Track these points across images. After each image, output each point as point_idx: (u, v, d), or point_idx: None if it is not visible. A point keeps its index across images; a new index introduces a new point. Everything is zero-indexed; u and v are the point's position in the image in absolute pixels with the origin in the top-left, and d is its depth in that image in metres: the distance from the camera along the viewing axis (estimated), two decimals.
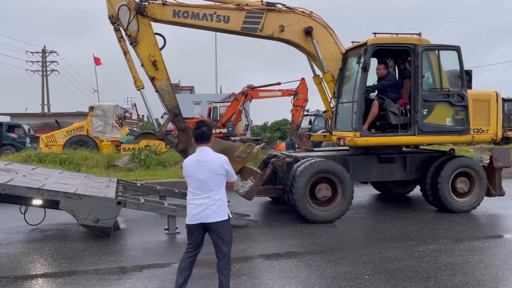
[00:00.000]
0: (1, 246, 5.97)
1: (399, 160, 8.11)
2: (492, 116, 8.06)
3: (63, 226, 7.17)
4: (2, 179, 6.18)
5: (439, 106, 7.77)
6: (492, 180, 8.19)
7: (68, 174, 8.43)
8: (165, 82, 7.06)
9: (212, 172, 3.70)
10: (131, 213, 7.71)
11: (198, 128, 3.85)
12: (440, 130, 7.77)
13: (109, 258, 5.42)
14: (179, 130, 7.20)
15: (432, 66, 7.80)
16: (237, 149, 7.13)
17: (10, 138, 24.90)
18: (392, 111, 7.79)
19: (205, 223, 3.68)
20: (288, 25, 7.82)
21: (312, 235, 6.47)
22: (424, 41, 7.75)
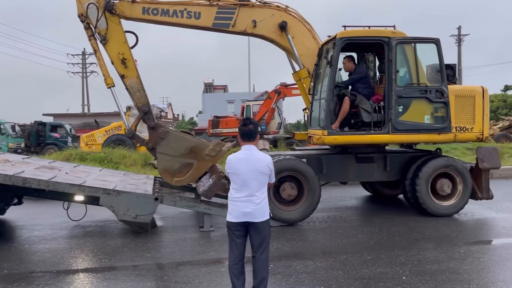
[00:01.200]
0: (45, 242, 6.23)
1: (378, 160, 7.67)
2: (478, 114, 7.42)
3: (102, 222, 7.40)
4: (46, 176, 6.45)
5: (416, 102, 7.28)
6: (479, 182, 7.59)
7: (107, 171, 8.69)
8: (134, 80, 7.02)
9: (258, 171, 3.67)
10: (167, 210, 7.87)
11: (245, 126, 3.80)
12: (417, 128, 7.29)
13: (146, 255, 5.54)
14: (149, 128, 7.08)
15: (408, 60, 7.32)
16: (206, 147, 6.97)
17: (53, 138, 26.00)
18: (364, 108, 7.38)
19: (248, 221, 3.65)
20: (261, 20, 7.60)
21: (347, 235, 6.38)
22: (399, 34, 7.31)
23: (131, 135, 7.27)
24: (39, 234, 6.64)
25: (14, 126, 25.42)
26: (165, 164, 6.92)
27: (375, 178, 7.95)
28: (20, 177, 6.02)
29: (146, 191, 6.94)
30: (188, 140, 6.97)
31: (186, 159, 6.86)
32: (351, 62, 7.80)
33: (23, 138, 25.70)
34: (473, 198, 7.67)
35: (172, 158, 6.88)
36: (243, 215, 3.66)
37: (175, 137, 6.91)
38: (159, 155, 6.94)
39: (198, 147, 6.86)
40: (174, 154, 6.85)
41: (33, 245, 6.06)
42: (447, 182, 7.47)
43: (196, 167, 6.91)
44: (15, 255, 5.61)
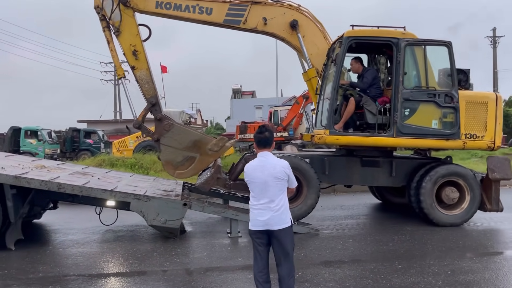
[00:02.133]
0: (79, 245, 6.41)
1: (384, 164, 7.44)
2: (490, 121, 7.12)
3: (133, 227, 7.55)
4: (79, 181, 6.65)
5: (424, 106, 7.04)
6: (489, 193, 7.21)
7: (138, 177, 8.88)
8: (144, 71, 7.13)
9: (274, 177, 3.65)
10: (195, 215, 7.95)
11: (260, 133, 3.79)
12: (424, 133, 7.03)
13: (175, 260, 5.61)
14: (155, 120, 7.16)
15: (417, 63, 7.10)
16: (210, 141, 6.93)
17: (87, 144, 26.81)
18: (369, 110, 7.19)
19: (269, 230, 3.63)
20: (271, 18, 7.55)
21: (377, 243, 6.26)
22: (409, 35, 7.10)
23: (138, 126, 7.33)
24: (73, 238, 6.84)
25: (50, 132, 26.35)
26: (168, 156, 6.97)
27: (380, 183, 7.74)
28: (55, 182, 6.23)
29: (176, 196, 7.05)
30: (192, 134, 6.98)
31: (189, 153, 6.89)
32: (359, 63, 7.66)
33: (58, 144, 26.60)
34: (481, 209, 7.33)
35: (176, 150, 6.92)
36: (262, 223, 3.63)
37: (180, 130, 6.94)
38: (163, 147, 7.01)
39: (202, 141, 6.87)
40: (177, 146, 6.90)
41: (67, 249, 6.25)
42: (454, 190, 7.19)
43: (198, 161, 6.94)
44: (50, 258, 5.80)
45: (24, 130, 24.88)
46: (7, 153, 10.61)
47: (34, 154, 22.84)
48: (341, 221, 7.74)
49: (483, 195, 7.25)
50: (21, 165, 7.19)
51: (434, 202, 7.12)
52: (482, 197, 7.24)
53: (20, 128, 24.88)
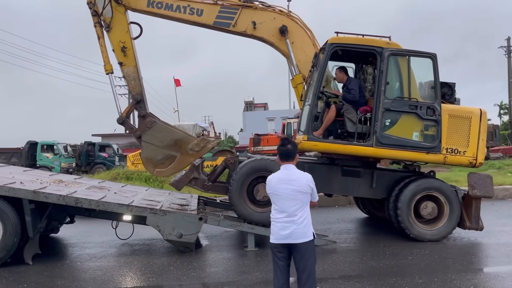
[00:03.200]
0: (96, 259, 6.43)
1: (365, 175, 7.29)
2: (473, 137, 6.95)
3: (149, 241, 7.56)
4: (96, 196, 6.70)
5: (405, 117, 6.92)
6: (469, 210, 7.01)
7: (153, 191, 8.92)
8: (132, 68, 7.19)
9: (298, 191, 3.63)
10: (211, 229, 7.93)
11: (283, 146, 3.78)
12: (403, 144, 6.87)
13: (192, 274, 5.58)
14: (139, 117, 7.18)
15: (401, 73, 6.98)
16: (191, 141, 6.89)
17: (101, 157, 27.14)
18: (350, 118, 7.07)
19: (290, 243, 3.59)
20: (261, 22, 7.56)
21: (396, 256, 6.15)
22: (393, 45, 7.00)
23: (121, 122, 7.35)
24: (90, 252, 6.87)
25: (66, 146, 26.75)
26: (149, 154, 6.96)
27: (360, 194, 7.58)
28: (73, 197, 6.29)
29: (191, 210, 7.05)
30: (174, 133, 6.97)
31: (169, 151, 6.88)
32: (343, 73, 7.59)
33: (74, 158, 26.96)
34: (460, 227, 7.14)
35: (156, 148, 6.91)
36: (284, 236, 3.60)
37: (161, 128, 6.92)
38: (144, 144, 7.00)
39: (183, 141, 6.85)
40: (158, 144, 6.90)
41: (84, 263, 6.27)
42: (432, 205, 7.03)
43: (178, 160, 6.93)
44: (68, 272, 5.82)
45: (40, 144, 25.30)
46: (25, 167, 10.76)
47: (50, 168, 23.18)
48: (358, 234, 7.65)
49: (463, 212, 7.08)
50: (39, 179, 7.29)
51: (412, 216, 6.97)
52: (462, 214, 7.07)
53: (37, 142, 25.31)
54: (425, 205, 7.02)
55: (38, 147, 25.19)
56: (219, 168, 7.63)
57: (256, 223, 6.76)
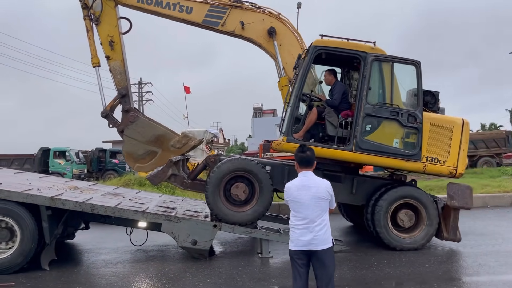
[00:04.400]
0: (112, 265, 6.47)
1: (346, 181, 7.21)
2: (454, 147, 6.86)
3: (163, 247, 7.58)
4: (112, 202, 6.76)
5: (386, 124, 6.87)
6: (447, 221, 6.90)
7: (166, 197, 8.96)
8: (118, 63, 7.23)
9: (318, 197, 3.64)
10: (224, 235, 7.93)
11: (303, 152, 3.79)
12: (383, 151, 6.80)
13: (208, 281, 5.59)
14: (122, 111, 7.18)
15: (384, 79, 6.93)
16: (173, 138, 6.85)
17: (112, 164, 27.33)
18: (331, 121, 7.02)
19: (310, 250, 3.59)
20: (250, 23, 7.55)
21: (412, 264, 6.09)
22: (378, 50, 6.94)
23: (105, 115, 7.37)
24: (105, 258, 6.91)
25: (78, 153, 26.99)
26: (130, 148, 6.97)
27: (339, 199, 7.35)
28: (89, 203, 6.35)
29: (205, 217, 7.08)
30: (156, 128, 6.96)
31: (151, 147, 6.89)
32: (331, 75, 7.54)
33: (85, 164, 27.19)
34: (438, 237, 7.03)
35: (138, 143, 6.92)
36: (304, 242, 3.60)
37: (144, 123, 6.92)
38: (126, 138, 7.01)
39: (165, 137, 6.85)
40: (140, 139, 6.90)
41: (100, 269, 6.31)
42: (408, 214, 6.95)
43: (159, 156, 6.94)
44: (84, 278, 5.86)
45: (53, 151, 25.56)
46: (41, 174, 10.88)
47: (63, 174, 23.38)
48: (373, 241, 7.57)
49: (441, 222, 6.99)
50: (55, 186, 7.37)
51: (389, 224, 6.89)
52: (440, 224, 6.98)
53: (49, 148, 25.57)
54: (402, 213, 6.96)
55: (51, 153, 25.46)
56: (199, 166, 7.60)
57: (232, 223, 6.71)
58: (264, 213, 6.97)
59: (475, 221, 9.09)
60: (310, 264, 3.66)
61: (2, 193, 5.97)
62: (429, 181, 13.51)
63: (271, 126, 51.39)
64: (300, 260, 3.63)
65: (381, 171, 13.75)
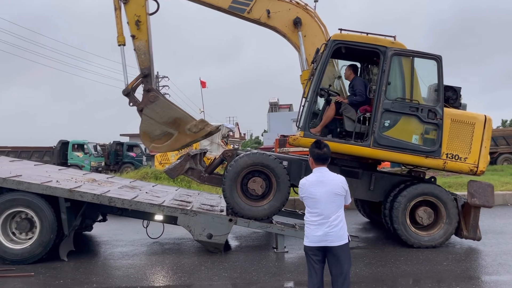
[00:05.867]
0: (128, 257, 6.54)
1: (364, 177, 7.11)
2: (475, 143, 6.68)
3: (179, 240, 7.64)
4: (129, 195, 6.83)
5: (405, 119, 6.73)
6: (467, 219, 6.73)
7: (183, 191, 9.01)
8: (143, 43, 7.20)
9: (333, 193, 3.60)
10: (239, 229, 7.95)
11: (320, 149, 3.75)
12: (401, 147, 6.66)
13: (223, 274, 5.61)
14: (144, 91, 7.20)
15: (404, 74, 6.78)
16: (190, 122, 6.84)
17: (129, 157, 27.60)
18: (348, 117, 6.93)
19: (325, 246, 3.57)
20: (276, 12, 7.47)
21: (430, 261, 6.00)
22: (398, 45, 6.78)
23: (127, 93, 7.38)
24: (122, 250, 6.99)
25: (96, 146, 27.36)
26: (147, 128, 6.98)
27: (357, 195, 7.35)
28: (107, 196, 6.42)
29: (220, 211, 7.10)
30: (175, 110, 6.96)
31: (168, 128, 6.88)
32: (351, 70, 7.46)
33: (103, 157, 27.55)
34: (457, 235, 6.88)
35: (155, 123, 6.91)
36: (319, 238, 3.57)
37: (163, 104, 6.92)
38: (144, 117, 7.02)
39: (182, 120, 6.84)
40: (158, 119, 6.90)
41: (117, 260, 6.39)
42: (429, 211, 6.81)
43: (175, 138, 6.93)
44: (102, 269, 5.94)
45: (71, 144, 25.96)
46: (60, 166, 11.06)
47: (81, 166, 23.75)
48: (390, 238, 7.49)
49: (461, 220, 6.84)
50: (73, 178, 7.47)
51: (407, 221, 6.78)
52: (460, 222, 6.83)
53: (68, 141, 25.98)
54: (421, 210, 6.85)
55: (69, 146, 25.85)
56: (216, 160, 7.65)
57: (248, 217, 6.72)
58: (280, 208, 6.96)
59: (495, 219, 8.91)
60: (325, 260, 3.64)
61: (22, 185, 6.08)
62: (448, 178, 13.29)
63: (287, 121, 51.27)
64: (315, 256, 3.61)
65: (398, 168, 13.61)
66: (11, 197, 6.07)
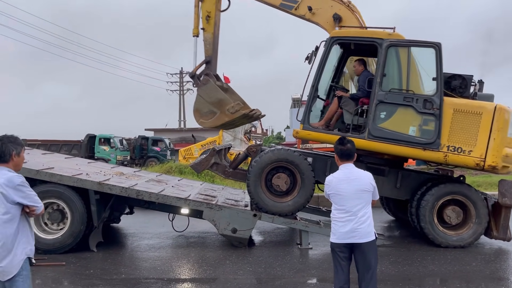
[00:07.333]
0: (155, 250, 6.68)
1: (390, 174, 6.96)
2: (482, 135, 6.19)
3: (204, 234, 7.74)
4: (156, 189, 6.95)
5: (402, 111, 6.56)
6: (498, 219, 6.45)
7: (207, 185, 9.11)
8: (209, 35, 7.98)
9: (360, 189, 3.58)
10: (263, 225, 7.98)
11: (343, 145, 3.73)
12: (396, 139, 6.47)
13: (248, 269, 5.66)
14: (204, 75, 7.82)
15: (401, 65, 6.63)
16: (230, 104, 7.35)
17: (154, 151, 28.04)
18: (347, 110, 6.94)
19: (353, 243, 3.56)
20: (318, 8, 7.68)
21: (458, 262, 5.89)
22: (395, 36, 6.65)
23: (192, 76, 8.06)
24: (149, 243, 7.14)
25: (121, 140, 27.89)
26: (198, 106, 7.66)
27: (383, 193, 7.14)
28: (134, 189, 6.56)
29: (245, 206, 7.15)
30: (220, 93, 7.55)
31: (213, 107, 7.50)
32: (361, 65, 7.43)
33: (128, 151, 28.07)
34: (487, 236, 6.65)
35: (205, 102, 7.56)
36: (346, 235, 3.56)
37: (212, 87, 7.60)
38: (197, 97, 7.72)
39: (224, 101, 7.42)
40: (207, 99, 7.56)
41: (144, 252, 6.53)
42: (457, 210, 6.62)
43: (217, 117, 7.47)
44: (130, 261, 6.09)
45: (98, 138, 26.55)
46: (89, 160, 11.33)
47: (107, 160, 24.27)
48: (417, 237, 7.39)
49: (491, 220, 6.62)
50: (102, 171, 7.66)
51: (435, 220, 6.61)
52: (489, 222, 6.62)
53: (95, 135, 26.58)
54: (450, 209, 6.70)
55: (96, 140, 26.44)
56: (241, 155, 7.89)
57: (272, 213, 6.75)
58: (305, 205, 6.98)
59: None
60: (352, 258, 3.63)
61: (55, 177, 6.27)
62: (477, 177, 12.97)
63: None
64: (342, 253, 3.60)
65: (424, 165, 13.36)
66: (44, 188, 6.26)
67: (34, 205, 3.02)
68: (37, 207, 3.04)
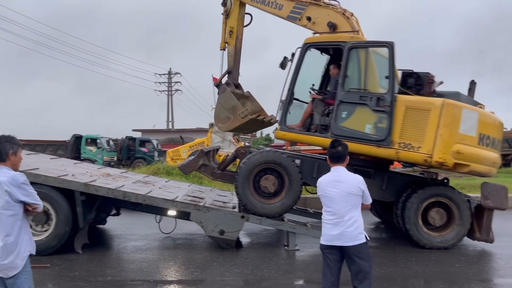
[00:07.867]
0: (141, 251, 6.64)
1: (376, 176, 7.11)
2: (430, 131, 6.20)
3: (191, 236, 7.71)
4: (143, 190, 6.92)
5: (360, 110, 6.83)
6: (480, 221, 6.63)
7: (195, 187, 9.09)
8: (232, 48, 8.49)
9: (348, 192, 3.61)
10: (250, 226, 7.98)
11: (333, 148, 3.77)
12: (355, 137, 6.67)
13: (235, 270, 5.66)
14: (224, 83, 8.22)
15: (360, 65, 6.95)
16: (240, 109, 7.68)
17: (141, 152, 27.81)
18: (316, 111, 7.28)
19: (342, 246, 3.58)
20: (316, 18, 7.99)
21: (442, 263, 5.98)
22: (356, 39, 6.93)
23: (216, 85, 8.47)
24: (135, 244, 7.09)
25: (108, 140, 27.62)
26: (217, 111, 8.13)
27: None
28: (121, 191, 6.51)
29: (233, 208, 7.15)
30: (233, 100, 7.91)
31: (228, 113, 7.91)
32: (336, 69, 7.63)
33: (116, 152, 27.82)
34: (470, 237, 6.82)
35: (222, 108, 7.99)
36: (334, 238, 3.59)
37: (227, 95, 8.03)
38: (217, 103, 8.21)
39: (237, 107, 7.77)
40: (224, 105, 8.02)
41: (130, 254, 6.49)
42: (441, 212, 6.76)
43: (231, 121, 7.81)
44: (116, 262, 6.05)
45: (85, 138, 26.26)
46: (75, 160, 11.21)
47: (93, 161, 24.00)
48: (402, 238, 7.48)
49: (474, 222, 6.77)
50: (88, 172, 7.59)
51: (419, 222, 6.74)
52: (472, 224, 6.77)
53: (82, 136, 26.29)
54: (434, 211, 6.82)
55: (83, 140, 26.14)
56: (229, 157, 8.05)
57: (260, 214, 6.79)
58: (292, 206, 7.02)
59: (508, 222, 8.81)
60: (342, 260, 3.65)
61: (40, 178, 6.19)
62: (461, 179, 13.17)
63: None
64: (331, 255, 3.62)
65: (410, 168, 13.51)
66: None
67: (36, 203, 3.14)
68: (38, 205, 3.15)
